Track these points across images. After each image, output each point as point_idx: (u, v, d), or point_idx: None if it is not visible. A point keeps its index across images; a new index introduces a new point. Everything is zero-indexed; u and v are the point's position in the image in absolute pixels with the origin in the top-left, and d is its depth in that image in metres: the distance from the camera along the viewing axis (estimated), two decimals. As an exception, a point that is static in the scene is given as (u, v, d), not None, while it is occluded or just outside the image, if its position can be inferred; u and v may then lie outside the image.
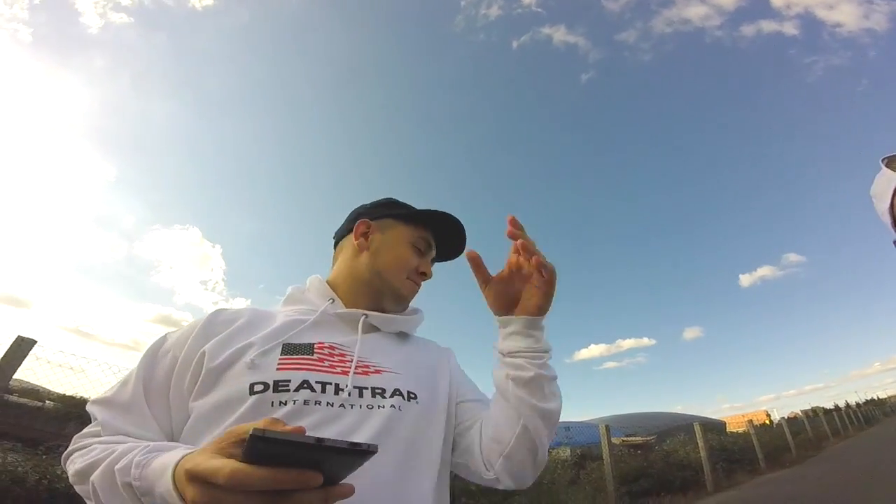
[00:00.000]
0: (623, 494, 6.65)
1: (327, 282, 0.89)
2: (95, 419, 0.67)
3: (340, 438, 0.39)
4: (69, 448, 0.66)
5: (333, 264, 0.95)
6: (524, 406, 0.72)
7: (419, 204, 0.94)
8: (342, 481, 0.43)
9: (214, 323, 0.75)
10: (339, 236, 0.96)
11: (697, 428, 9.15)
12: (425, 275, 0.90)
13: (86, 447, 0.63)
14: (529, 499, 5.17)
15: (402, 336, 0.88)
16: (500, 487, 0.75)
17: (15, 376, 2.85)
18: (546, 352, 0.73)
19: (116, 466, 0.54)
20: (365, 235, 0.90)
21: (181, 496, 0.46)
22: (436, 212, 0.92)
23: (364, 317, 0.81)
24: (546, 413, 0.72)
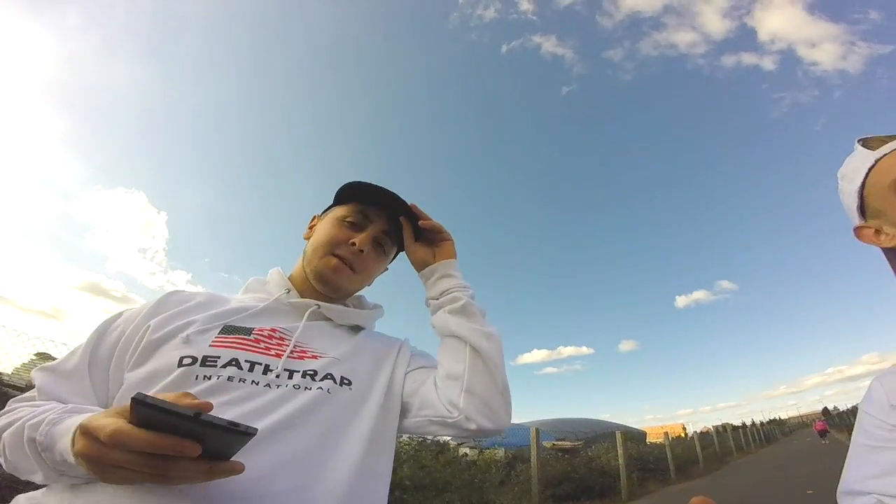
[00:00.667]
0: (547, 497, 6.86)
1: (289, 277, 0.90)
2: (35, 385, 0.67)
3: (220, 416, 0.41)
4: None
5: None
6: (467, 330, 0.78)
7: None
8: (232, 458, 0.45)
9: (167, 302, 0.77)
10: None
11: (618, 436, 9.47)
12: (355, 245, 0.83)
13: (13, 410, 0.63)
14: (461, 496, 5.31)
15: (356, 329, 0.87)
16: (473, 428, 0.73)
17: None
18: (469, 287, 0.85)
19: (28, 422, 0.56)
20: (311, 229, 0.94)
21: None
22: (357, 184, 0.88)
23: (316, 307, 0.82)
24: (490, 334, 0.78)
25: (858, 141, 0.71)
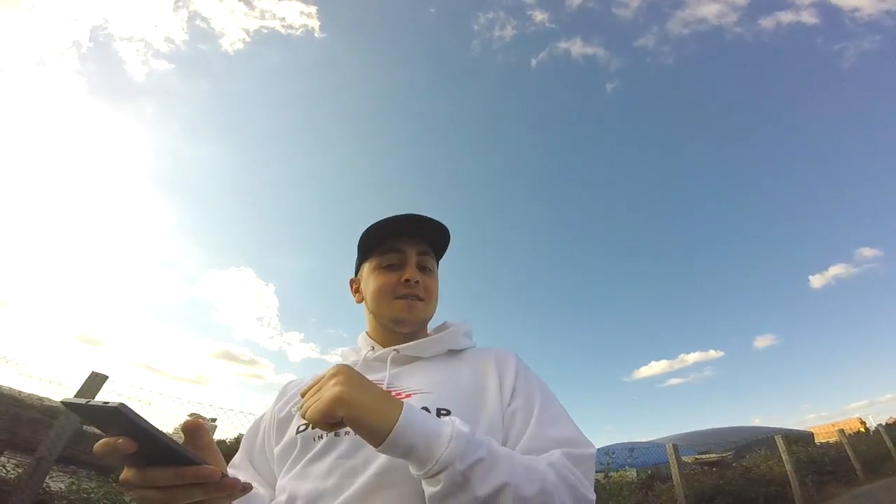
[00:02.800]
0: (699, 514, 6.13)
1: (369, 335, 0.96)
2: None
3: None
4: None
5: None
6: None
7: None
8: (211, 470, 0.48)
9: (286, 390, 0.93)
10: None
11: (780, 440, 8.35)
12: (409, 281, 0.86)
13: None
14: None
15: (452, 353, 0.88)
16: None
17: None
18: (428, 468, 0.54)
19: None
20: (357, 292, 0.99)
21: None
22: (377, 227, 0.89)
23: (394, 352, 0.85)
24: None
25: None
